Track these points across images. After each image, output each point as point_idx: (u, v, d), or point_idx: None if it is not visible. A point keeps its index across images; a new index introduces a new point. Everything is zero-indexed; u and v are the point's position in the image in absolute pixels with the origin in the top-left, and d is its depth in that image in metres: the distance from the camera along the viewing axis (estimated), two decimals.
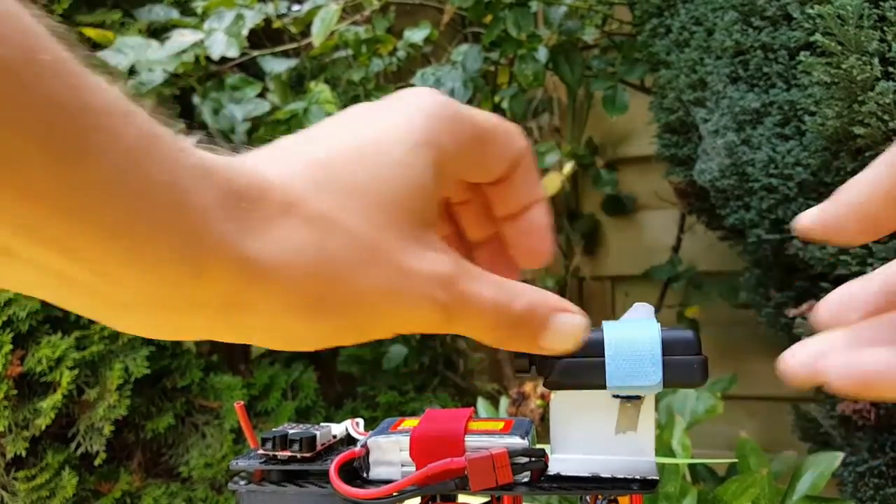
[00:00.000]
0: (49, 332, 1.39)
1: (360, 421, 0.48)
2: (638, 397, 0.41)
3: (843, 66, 0.93)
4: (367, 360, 1.80)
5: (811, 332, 0.35)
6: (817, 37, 0.97)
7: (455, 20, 1.87)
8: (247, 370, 1.62)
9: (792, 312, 1.08)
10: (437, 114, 0.33)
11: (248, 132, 1.41)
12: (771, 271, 1.18)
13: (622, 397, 0.40)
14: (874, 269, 1.02)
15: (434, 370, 1.86)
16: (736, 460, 1.08)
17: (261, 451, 0.43)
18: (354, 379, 1.83)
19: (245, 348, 1.61)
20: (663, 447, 0.98)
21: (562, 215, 2.01)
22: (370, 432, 0.44)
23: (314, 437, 0.43)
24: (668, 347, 0.38)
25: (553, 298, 0.36)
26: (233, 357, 1.62)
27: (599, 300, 2.00)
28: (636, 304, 0.42)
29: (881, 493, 1.04)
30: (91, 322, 1.40)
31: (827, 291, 1.16)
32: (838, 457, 1.01)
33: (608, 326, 0.39)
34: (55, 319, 1.39)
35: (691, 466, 1.14)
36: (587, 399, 0.40)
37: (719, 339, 1.78)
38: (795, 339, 1.12)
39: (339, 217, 0.30)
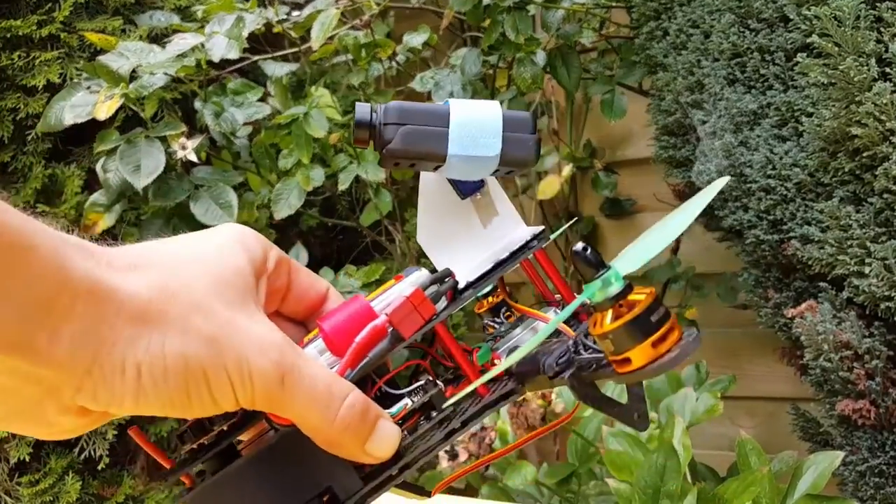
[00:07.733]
0: None
1: None
2: (482, 184, 0.42)
3: (841, 67, 0.94)
4: None
5: (809, 332, 0.35)
6: (814, 38, 0.97)
7: (454, 24, 1.87)
8: None
9: (790, 312, 1.08)
10: (247, 231, 0.41)
11: (249, 136, 1.41)
12: (769, 272, 1.18)
13: (469, 194, 0.41)
14: (872, 269, 1.02)
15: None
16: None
17: (184, 452, 0.41)
18: None
19: None
20: (665, 447, 0.98)
21: (561, 217, 2.01)
22: None
23: None
24: (507, 124, 0.39)
25: (376, 406, 0.39)
26: None
27: None
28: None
29: (882, 492, 1.04)
30: None
31: (825, 291, 1.18)
32: (838, 456, 1.01)
33: (454, 102, 0.40)
34: None
35: (692, 466, 1.14)
36: (447, 216, 0.42)
37: (718, 340, 1.79)
38: (794, 339, 1.12)
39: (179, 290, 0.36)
